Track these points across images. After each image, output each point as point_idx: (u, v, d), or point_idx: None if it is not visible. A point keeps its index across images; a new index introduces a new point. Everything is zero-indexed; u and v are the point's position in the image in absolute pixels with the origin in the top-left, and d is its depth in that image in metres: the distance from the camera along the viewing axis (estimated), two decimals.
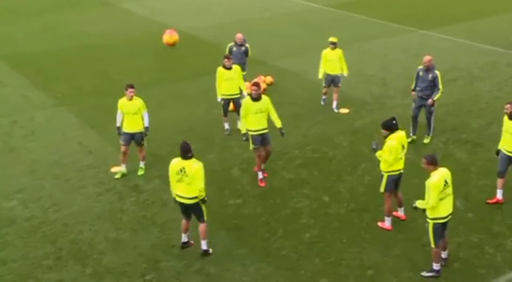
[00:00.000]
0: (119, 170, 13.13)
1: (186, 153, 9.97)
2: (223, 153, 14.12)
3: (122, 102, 12.84)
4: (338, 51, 15.82)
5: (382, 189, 10.78)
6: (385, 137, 10.55)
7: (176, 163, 10.05)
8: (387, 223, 11.02)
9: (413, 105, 14.09)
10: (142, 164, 13.24)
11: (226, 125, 15.06)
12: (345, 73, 15.90)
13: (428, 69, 13.62)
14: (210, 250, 10.43)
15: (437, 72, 13.59)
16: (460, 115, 15.39)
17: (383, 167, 10.68)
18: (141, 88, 17.70)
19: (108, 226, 11.47)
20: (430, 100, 13.57)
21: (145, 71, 19.75)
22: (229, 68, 14.43)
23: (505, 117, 11.27)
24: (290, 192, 12.36)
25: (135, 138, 12.91)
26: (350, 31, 23.54)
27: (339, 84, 15.96)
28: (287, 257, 10.35)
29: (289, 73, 19.03)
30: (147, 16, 27.26)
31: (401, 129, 10.78)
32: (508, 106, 11.18)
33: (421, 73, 13.77)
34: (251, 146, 12.42)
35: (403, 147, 10.62)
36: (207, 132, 15.10)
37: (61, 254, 10.65)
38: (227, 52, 16.29)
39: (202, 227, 10.25)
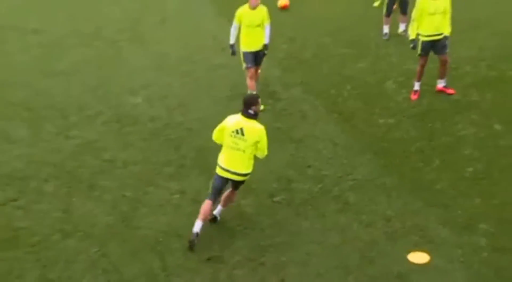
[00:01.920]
0: None
1: (249, 106, 8.81)
2: (378, 62, 13.90)
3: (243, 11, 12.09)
4: None
5: None
6: None
7: (234, 121, 8.95)
8: None
9: None
10: None
11: (386, 29, 14.76)
12: None
13: None
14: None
15: None
16: None
17: None
18: None
19: None
20: None
21: None
22: None
23: None
24: (454, 116, 12.00)
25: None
26: None
27: None
28: (441, 193, 10.12)
29: None
30: None
31: None
32: None
33: None
34: (419, 51, 12.22)
35: None
36: (361, 35, 14.83)
37: (184, 162, 10.90)
38: None
39: (233, 194, 9.42)
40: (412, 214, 9.68)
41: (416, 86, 12.48)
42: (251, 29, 12.00)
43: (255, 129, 8.82)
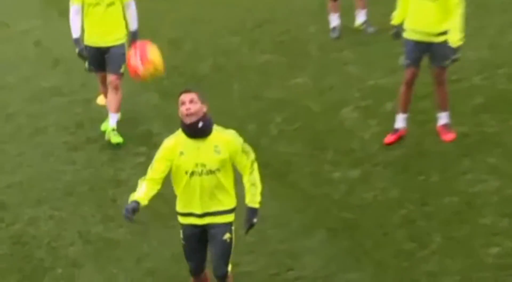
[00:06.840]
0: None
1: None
2: (326, 76, 14.10)
3: None
4: None
5: None
6: None
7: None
8: None
9: None
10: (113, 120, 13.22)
11: (334, 21, 15.15)
12: None
13: None
14: None
15: None
16: None
17: None
18: None
19: (88, 212, 11.55)
20: None
21: None
22: None
23: None
24: (460, 161, 11.94)
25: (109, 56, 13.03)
26: None
27: None
28: None
29: None
30: None
31: None
32: None
33: None
34: (402, 60, 12.29)
35: None
36: (294, 32, 15.06)
37: None
38: None
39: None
40: None
41: (400, 122, 12.52)
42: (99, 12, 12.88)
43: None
